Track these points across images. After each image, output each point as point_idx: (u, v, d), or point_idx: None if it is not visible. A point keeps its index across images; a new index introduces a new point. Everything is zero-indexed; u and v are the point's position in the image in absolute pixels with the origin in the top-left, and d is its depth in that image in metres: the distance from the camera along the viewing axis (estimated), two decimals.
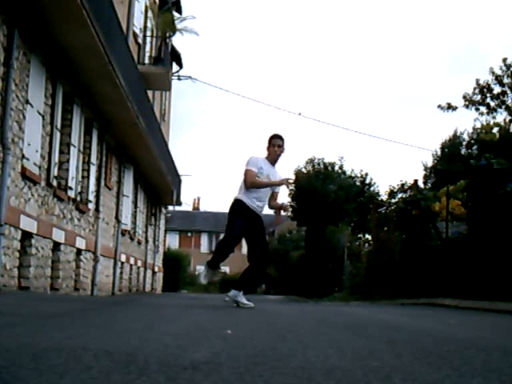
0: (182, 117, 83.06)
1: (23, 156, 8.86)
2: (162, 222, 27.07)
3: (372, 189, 37.50)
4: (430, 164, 34.90)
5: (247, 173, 6.58)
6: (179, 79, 23.19)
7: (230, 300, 6.68)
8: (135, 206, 19.07)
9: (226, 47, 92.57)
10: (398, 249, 14.82)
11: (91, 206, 13.09)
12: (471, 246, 11.12)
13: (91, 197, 13.04)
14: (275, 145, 6.70)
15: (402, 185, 16.58)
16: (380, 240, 16.33)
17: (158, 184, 21.36)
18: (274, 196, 6.87)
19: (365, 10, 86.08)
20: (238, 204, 6.67)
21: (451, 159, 30.38)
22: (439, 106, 21.05)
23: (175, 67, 22.83)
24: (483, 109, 20.65)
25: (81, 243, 12.26)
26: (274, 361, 2.07)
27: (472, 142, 30.84)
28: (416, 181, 16.00)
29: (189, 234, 56.94)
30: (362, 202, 28.96)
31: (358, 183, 38.05)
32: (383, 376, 1.83)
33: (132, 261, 18.67)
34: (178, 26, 20.77)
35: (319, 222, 27.58)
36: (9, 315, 3.88)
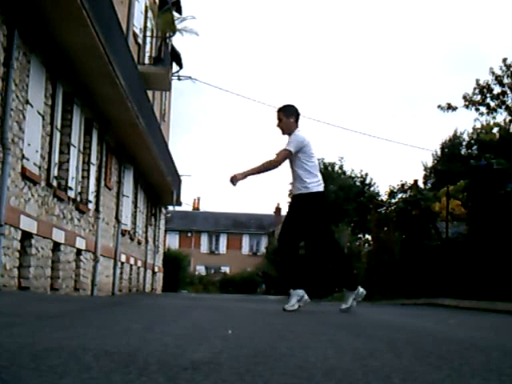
0: (182, 117, 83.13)
1: (23, 156, 8.86)
2: (162, 222, 27.07)
3: (372, 189, 37.55)
4: (430, 164, 34.95)
5: None
6: (179, 79, 23.21)
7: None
8: (135, 206, 19.08)
9: (226, 47, 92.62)
10: (398, 249, 14.83)
11: (91, 206, 13.09)
12: (471, 246, 11.12)
13: (91, 197, 13.04)
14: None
15: (402, 185, 16.59)
16: (380, 240, 16.34)
17: (158, 184, 21.36)
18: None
19: (365, 10, 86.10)
20: None
21: (451, 159, 30.41)
22: (439, 107, 21.07)
23: (175, 67, 22.86)
24: (483, 109, 20.66)
25: (81, 243, 12.26)
26: (274, 361, 2.07)
27: (472, 142, 30.87)
28: (416, 181, 16.02)
29: (189, 234, 56.93)
30: (362, 202, 28.97)
31: (358, 183, 38.06)
32: (383, 376, 1.83)
33: (132, 261, 18.68)
34: (178, 26, 20.77)
35: None
36: (9, 315, 3.88)
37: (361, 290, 6.12)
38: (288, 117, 6.18)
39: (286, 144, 6.08)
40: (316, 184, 6.11)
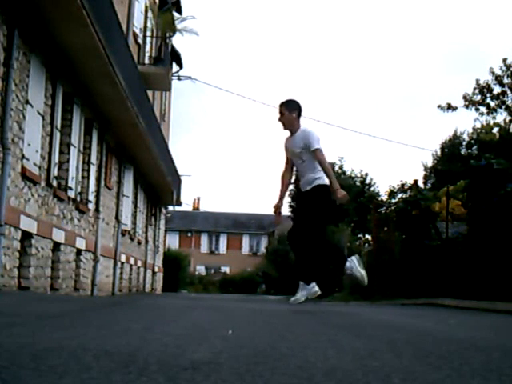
0: (182, 117, 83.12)
1: (23, 156, 8.86)
2: (162, 222, 27.06)
3: (372, 189, 37.55)
4: (430, 164, 34.96)
5: None
6: (179, 79, 23.21)
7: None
8: (135, 206, 19.07)
9: (226, 47, 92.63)
10: (398, 249, 14.82)
11: (91, 206, 13.09)
12: (471, 245, 11.11)
13: (91, 197, 13.04)
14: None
15: (402, 185, 16.58)
16: (380, 240, 16.33)
17: (158, 184, 21.36)
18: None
19: (365, 10, 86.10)
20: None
21: (451, 159, 30.40)
22: (439, 107, 21.06)
23: (175, 67, 22.86)
24: (483, 109, 20.65)
25: (81, 243, 12.26)
26: (275, 361, 2.07)
27: (472, 142, 30.87)
28: (416, 181, 16.01)
29: (189, 234, 56.93)
30: (362, 202, 28.98)
31: (358, 183, 38.08)
32: (383, 376, 1.83)
33: (132, 261, 18.67)
34: (178, 26, 20.77)
35: None
36: (9, 315, 3.88)
37: (315, 288, 6.08)
38: (290, 111, 6.09)
39: (312, 144, 5.99)
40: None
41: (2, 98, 8.13)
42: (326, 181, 6.06)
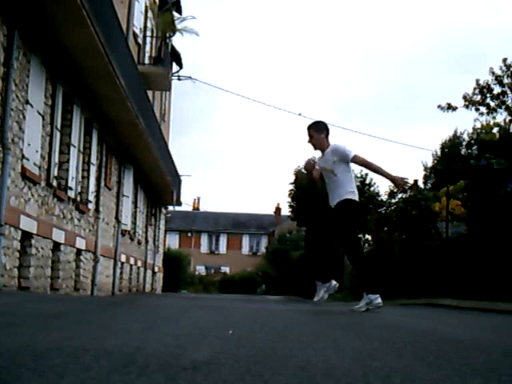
0: (182, 117, 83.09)
1: (23, 156, 8.86)
2: (162, 222, 27.06)
3: (372, 189, 37.53)
4: (430, 164, 34.90)
5: None
6: (179, 79, 23.23)
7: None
8: (135, 206, 19.07)
9: (226, 47, 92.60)
10: (397, 249, 14.82)
11: (91, 206, 13.09)
12: (471, 245, 11.11)
13: (91, 197, 13.04)
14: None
15: None
16: (380, 240, 16.33)
17: (158, 184, 21.36)
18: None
19: (364, 9, 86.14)
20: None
21: (451, 159, 30.35)
22: (439, 106, 21.01)
23: (175, 67, 22.88)
24: (483, 109, 20.61)
25: (81, 243, 12.26)
26: (275, 361, 2.07)
27: (472, 142, 30.84)
28: (416, 181, 16.01)
29: (189, 234, 56.93)
30: (362, 202, 28.94)
31: (357, 183, 37.99)
32: (383, 376, 1.83)
33: (132, 261, 18.67)
34: (178, 26, 20.78)
35: None
36: (9, 315, 3.88)
37: (333, 282, 6.51)
38: (319, 132, 6.43)
39: (348, 153, 6.32)
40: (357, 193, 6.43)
41: (2, 98, 8.14)
42: (357, 197, 6.34)
